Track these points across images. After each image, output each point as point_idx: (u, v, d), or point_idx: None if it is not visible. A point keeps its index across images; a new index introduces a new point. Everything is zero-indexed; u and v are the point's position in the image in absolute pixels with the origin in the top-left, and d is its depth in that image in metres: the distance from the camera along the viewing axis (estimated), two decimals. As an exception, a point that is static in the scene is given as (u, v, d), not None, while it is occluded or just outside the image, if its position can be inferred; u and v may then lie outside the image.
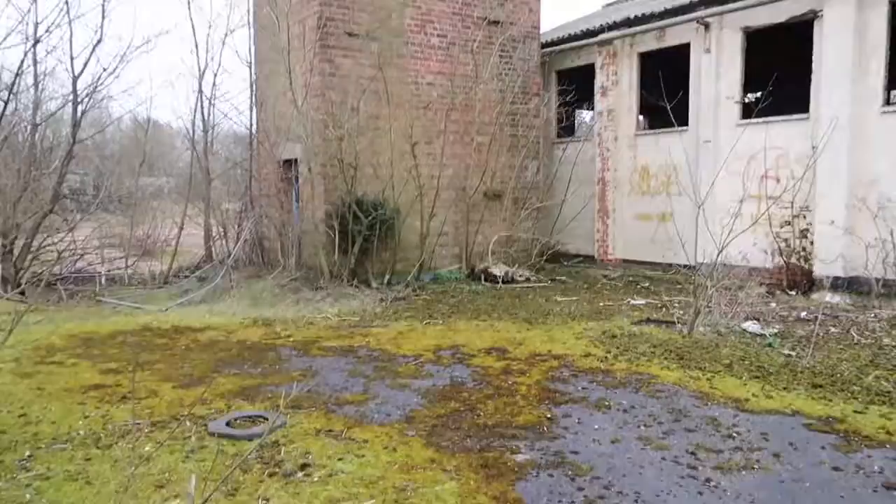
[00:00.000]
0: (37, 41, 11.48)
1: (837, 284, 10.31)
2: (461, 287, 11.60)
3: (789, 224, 11.04)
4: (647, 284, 11.94)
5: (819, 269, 10.57)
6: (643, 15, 13.45)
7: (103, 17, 12.53)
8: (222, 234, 14.41)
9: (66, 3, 11.15)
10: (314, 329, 8.31)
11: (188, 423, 4.73)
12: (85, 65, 12.52)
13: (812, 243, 10.79)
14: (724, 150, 11.58)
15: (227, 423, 4.69)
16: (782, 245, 11.06)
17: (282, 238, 11.85)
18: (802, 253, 10.97)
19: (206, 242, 14.81)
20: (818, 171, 10.42)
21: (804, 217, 10.91)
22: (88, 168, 20.81)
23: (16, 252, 11.76)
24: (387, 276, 11.38)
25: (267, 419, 4.78)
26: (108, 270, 13.24)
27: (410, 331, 8.09)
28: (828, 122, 10.28)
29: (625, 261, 13.98)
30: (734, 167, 11.42)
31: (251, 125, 14.70)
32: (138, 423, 4.74)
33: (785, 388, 5.51)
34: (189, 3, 14.43)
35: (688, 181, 11.39)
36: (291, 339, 7.77)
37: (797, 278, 10.82)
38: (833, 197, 10.42)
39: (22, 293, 10.75)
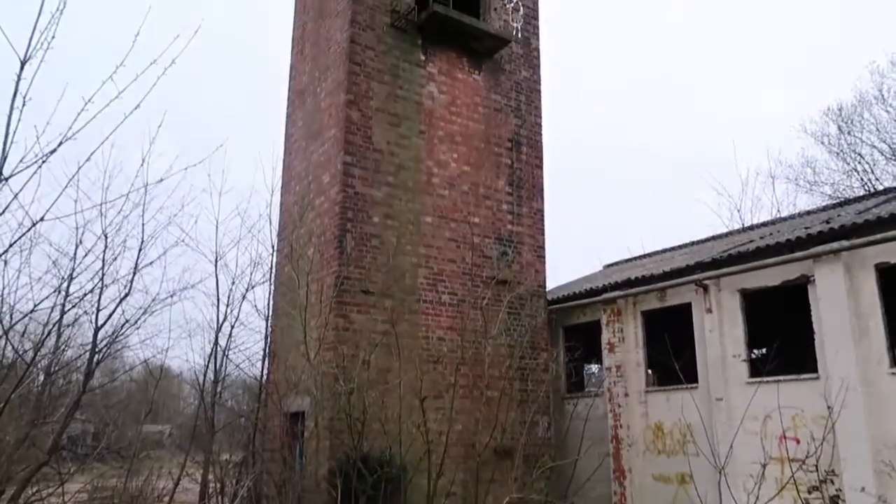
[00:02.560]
0: (68, 307, 11.88)
1: (882, 560, 9.44)
2: (470, 556, 10.67)
3: (818, 489, 10.42)
4: (672, 556, 10.96)
5: (859, 542, 9.76)
6: (643, 277, 14.18)
7: (134, 273, 13.32)
8: (219, 490, 13.72)
9: (103, 269, 11.85)
10: None
11: None
12: (109, 317, 12.92)
13: (846, 511, 10.10)
14: (738, 408, 11.40)
15: None
16: (814, 513, 10.34)
17: (281, 497, 11.24)
18: (837, 522, 10.22)
19: (201, 499, 14.05)
20: (838, 433, 10.13)
21: (832, 482, 10.34)
22: (91, 414, 20.56)
23: (-2, 509, 11.12)
24: (390, 543, 10.56)
25: None
26: (92, 532, 12.39)
27: None
28: (838, 382, 10.26)
29: (646, 527, 13.01)
30: (750, 427, 11.14)
31: (262, 377, 14.81)
32: None
33: None
34: (216, 261, 15.47)
35: (704, 440, 11.06)
36: None
37: (836, 552, 9.94)
38: (858, 461, 9.99)
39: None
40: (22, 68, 4.48)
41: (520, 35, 15.51)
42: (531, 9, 15.92)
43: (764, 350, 18.34)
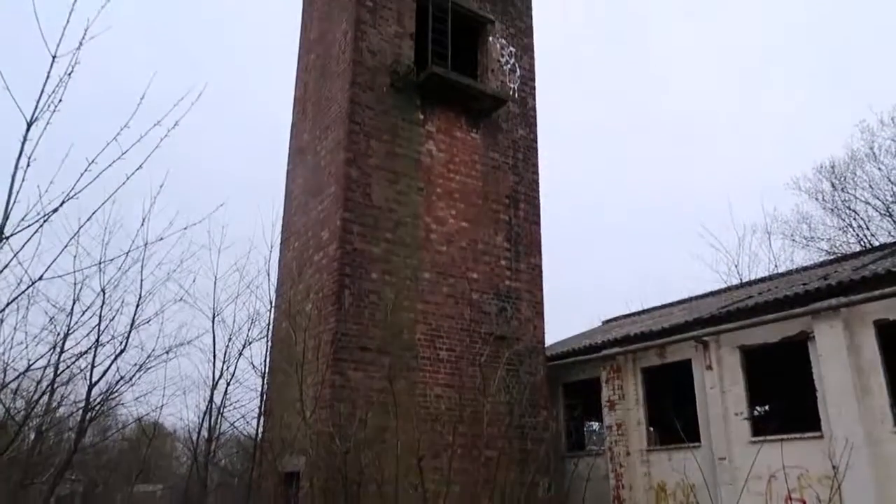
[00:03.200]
0: (62, 367, 11.79)
1: None
2: None
3: (826, 553, 10.15)
4: None
5: None
6: (642, 333, 14.12)
7: (131, 329, 13.26)
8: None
9: (99, 326, 11.82)
10: None
11: None
12: (103, 374, 12.81)
13: (856, 577, 9.79)
14: (741, 468, 11.20)
15: None
16: (824, 579, 10.03)
17: (274, 562, 10.91)
18: (848, 589, 9.89)
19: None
20: (845, 495, 9.90)
21: (841, 545, 10.07)
22: (81, 474, 20.07)
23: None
24: None
25: None
26: None
27: None
28: (843, 441, 10.08)
29: None
30: (755, 487, 10.92)
31: (256, 435, 14.57)
32: None
33: None
34: (214, 317, 15.39)
35: (708, 502, 10.82)
36: None
37: None
38: (867, 523, 9.75)
39: None
40: (28, 129, 4.57)
41: (517, 95, 15.86)
42: (528, 70, 16.33)
43: (767, 407, 18.13)
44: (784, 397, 15.40)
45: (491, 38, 15.81)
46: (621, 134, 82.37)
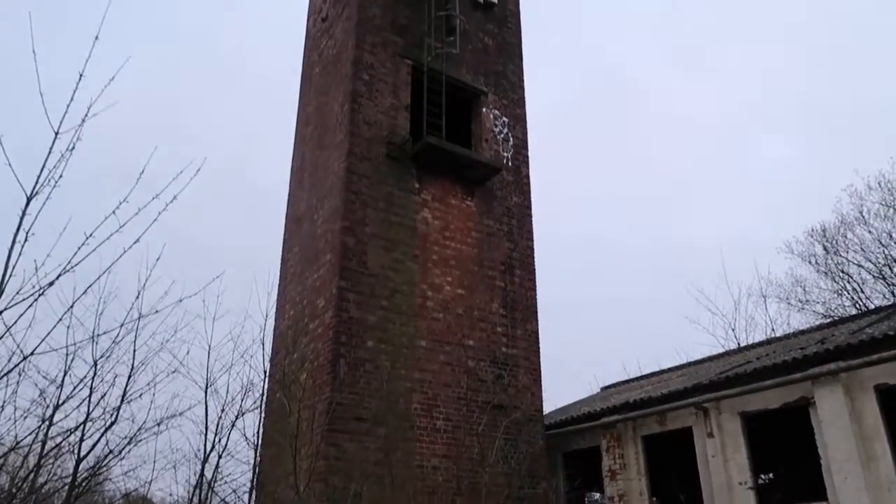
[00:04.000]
0: (50, 444, 11.41)
1: None
2: None
3: None
4: None
5: None
6: (641, 400, 13.95)
7: (122, 402, 12.98)
8: None
9: (90, 398, 11.56)
10: None
11: None
12: (92, 447, 12.42)
13: None
14: (749, 540, 10.87)
15: None
16: None
17: None
18: None
19: None
20: (856, 567, 9.61)
21: None
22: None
23: None
24: None
25: None
26: None
27: None
28: (850, 510, 9.86)
29: None
30: (763, 561, 10.58)
31: (248, 510, 14.08)
32: None
33: None
34: (207, 387, 15.08)
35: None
36: None
37: None
38: None
39: None
40: (28, 204, 4.61)
41: (510, 164, 16.15)
42: (520, 139, 16.68)
43: (771, 475, 17.73)
44: (788, 464, 15.11)
45: (484, 109, 16.22)
46: (614, 197, 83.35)
